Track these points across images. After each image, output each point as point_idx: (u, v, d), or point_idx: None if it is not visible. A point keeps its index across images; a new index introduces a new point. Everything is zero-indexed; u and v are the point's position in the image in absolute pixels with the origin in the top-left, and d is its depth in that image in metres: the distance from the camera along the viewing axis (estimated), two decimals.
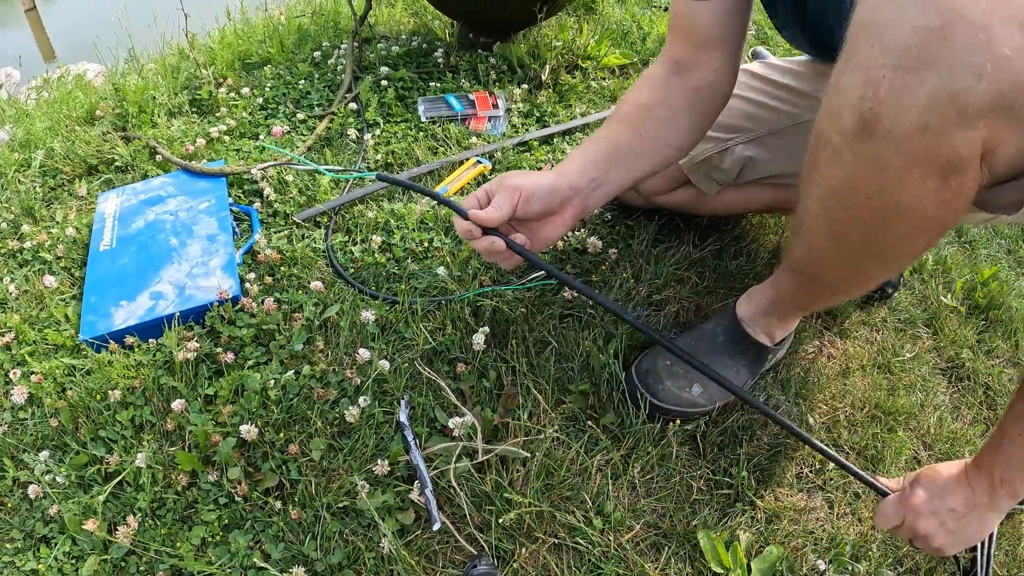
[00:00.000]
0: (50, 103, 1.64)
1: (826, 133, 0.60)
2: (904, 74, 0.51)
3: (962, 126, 0.52)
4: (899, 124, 0.53)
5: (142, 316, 0.96)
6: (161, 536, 0.77)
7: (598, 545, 0.78)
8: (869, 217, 0.62)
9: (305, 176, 1.25)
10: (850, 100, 0.56)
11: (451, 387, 0.89)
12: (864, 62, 0.54)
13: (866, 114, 0.55)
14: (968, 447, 0.94)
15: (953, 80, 0.50)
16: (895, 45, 0.51)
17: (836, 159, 0.60)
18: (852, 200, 0.62)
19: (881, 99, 0.53)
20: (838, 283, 0.77)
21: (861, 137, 0.56)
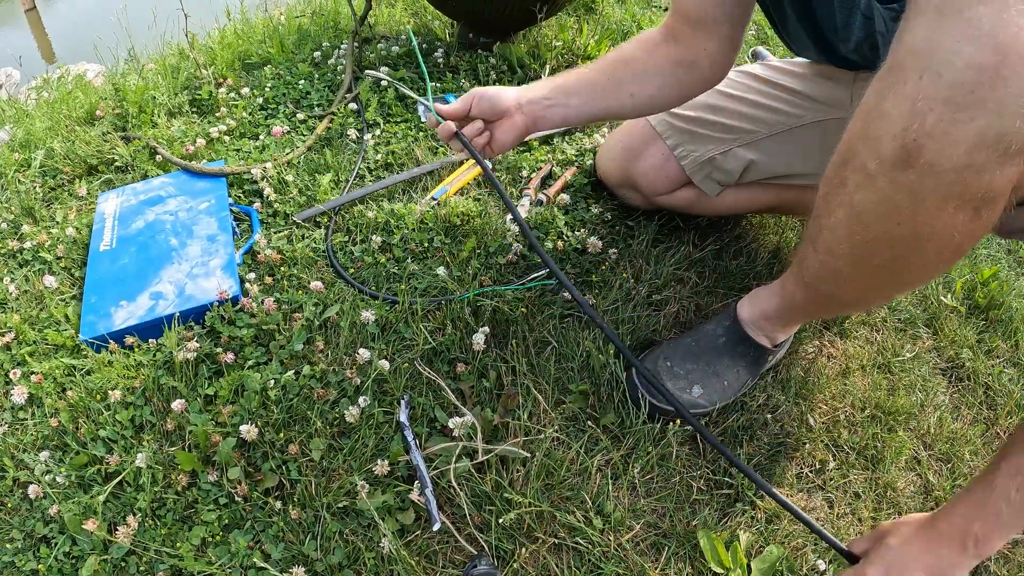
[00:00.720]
0: (50, 103, 1.64)
1: (860, 156, 0.59)
2: (955, 110, 0.50)
3: (1003, 164, 0.51)
4: (943, 159, 0.53)
5: (142, 316, 0.96)
6: (161, 536, 0.77)
7: (598, 545, 0.78)
8: (896, 243, 0.62)
9: (305, 176, 1.25)
10: (893, 129, 0.55)
11: (451, 387, 0.89)
12: (912, 92, 0.53)
13: (909, 145, 0.54)
14: (968, 447, 0.94)
15: (1002, 121, 0.49)
16: (948, 79, 0.50)
17: (870, 184, 0.59)
18: (881, 226, 0.61)
19: (927, 132, 0.52)
20: (853, 301, 0.77)
21: (900, 167, 0.55)
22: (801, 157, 1.01)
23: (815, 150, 1.00)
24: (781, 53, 1.73)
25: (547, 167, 1.26)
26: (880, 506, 0.86)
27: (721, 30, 0.88)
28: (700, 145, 1.04)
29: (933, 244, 0.60)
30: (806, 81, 1.03)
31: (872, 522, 0.84)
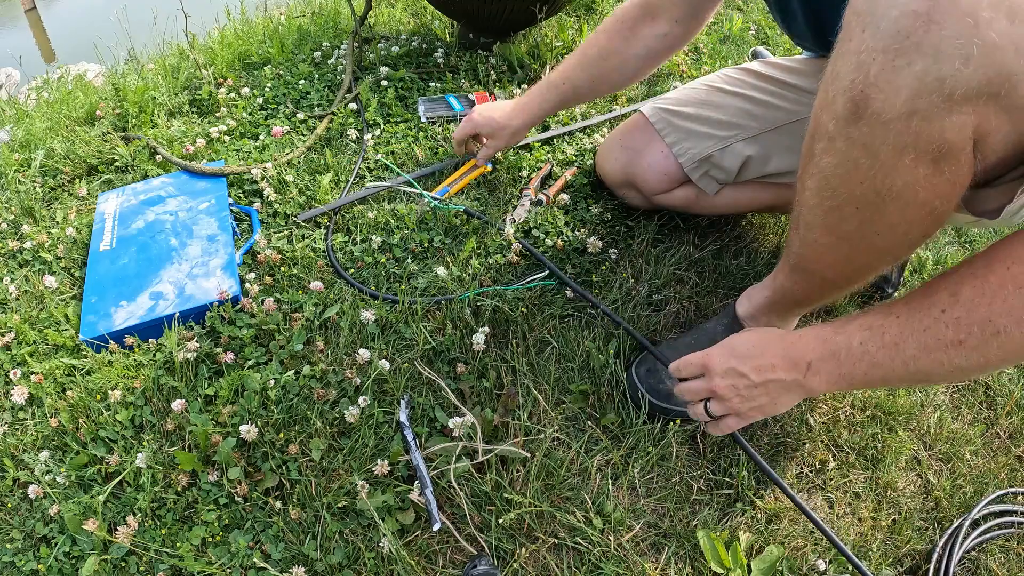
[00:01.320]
0: (50, 103, 1.64)
1: (822, 122, 0.61)
2: (893, 56, 0.52)
3: (950, 110, 0.52)
4: (888, 107, 0.54)
5: (142, 316, 0.96)
6: (161, 536, 0.77)
7: (598, 545, 0.78)
8: (862, 204, 0.63)
9: (305, 176, 1.25)
10: (842, 85, 0.57)
11: (451, 387, 0.89)
12: (856, 47, 0.55)
13: (857, 97, 0.56)
14: (968, 447, 0.94)
15: (940, 64, 0.50)
16: (885, 29, 0.52)
17: (831, 147, 0.61)
18: (846, 187, 0.62)
19: (871, 82, 0.54)
20: (835, 276, 0.77)
21: (852, 121, 0.57)
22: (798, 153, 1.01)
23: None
24: (781, 53, 1.73)
25: (547, 167, 1.25)
26: (880, 506, 0.86)
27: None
28: (698, 142, 1.04)
29: (897, 204, 0.61)
30: (805, 77, 1.03)
31: (872, 522, 0.84)
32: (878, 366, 0.65)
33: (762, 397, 0.73)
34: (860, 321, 0.67)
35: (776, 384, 0.71)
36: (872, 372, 0.66)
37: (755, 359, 0.72)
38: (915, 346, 0.63)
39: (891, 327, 0.65)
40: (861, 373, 0.67)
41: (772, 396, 0.72)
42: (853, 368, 0.67)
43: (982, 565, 0.82)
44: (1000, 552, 0.84)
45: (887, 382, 0.68)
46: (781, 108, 1.02)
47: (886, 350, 0.65)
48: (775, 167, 1.03)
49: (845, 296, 1.07)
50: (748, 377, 0.72)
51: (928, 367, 0.63)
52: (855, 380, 0.68)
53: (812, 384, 0.70)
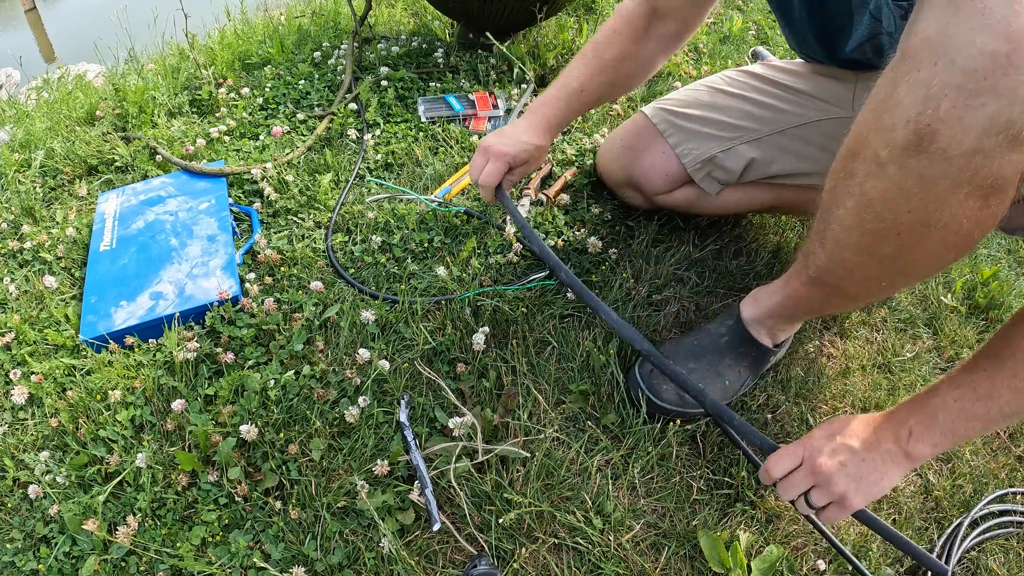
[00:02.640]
0: (50, 103, 1.64)
1: (871, 145, 0.60)
2: (967, 96, 0.52)
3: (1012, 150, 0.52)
4: (955, 144, 0.54)
5: (142, 316, 0.96)
6: (161, 536, 0.77)
7: (598, 545, 0.78)
8: (905, 231, 0.62)
9: (305, 176, 1.25)
10: (907, 114, 0.55)
11: (451, 387, 0.89)
12: (926, 79, 0.54)
13: (923, 131, 0.55)
14: (968, 447, 0.94)
15: (1013, 107, 0.50)
16: (961, 66, 0.51)
17: (880, 172, 0.60)
18: (892, 214, 0.62)
19: (941, 118, 0.53)
20: (859, 293, 0.77)
21: (913, 153, 0.56)
22: (802, 156, 1.01)
23: (816, 149, 1.00)
24: (781, 53, 1.73)
25: (547, 167, 1.25)
26: (880, 506, 0.86)
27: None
28: (701, 143, 1.04)
29: (940, 233, 0.60)
30: (807, 80, 1.03)
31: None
32: (976, 418, 0.68)
33: (870, 473, 0.71)
34: (948, 382, 0.70)
35: (882, 456, 0.71)
36: (971, 426, 0.69)
37: (859, 431, 0.72)
38: (1008, 391, 0.67)
39: (981, 381, 0.68)
40: (961, 429, 0.69)
41: (879, 471, 0.71)
42: (953, 425, 0.69)
43: (982, 565, 0.82)
44: (1000, 552, 0.84)
45: (987, 429, 0.70)
46: (784, 111, 1.02)
47: (981, 402, 0.68)
48: (778, 169, 1.03)
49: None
50: (855, 451, 0.71)
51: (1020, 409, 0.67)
52: (957, 436, 0.70)
53: (916, 450, 0.70)
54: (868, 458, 0.71)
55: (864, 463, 0.70)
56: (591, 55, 1.03)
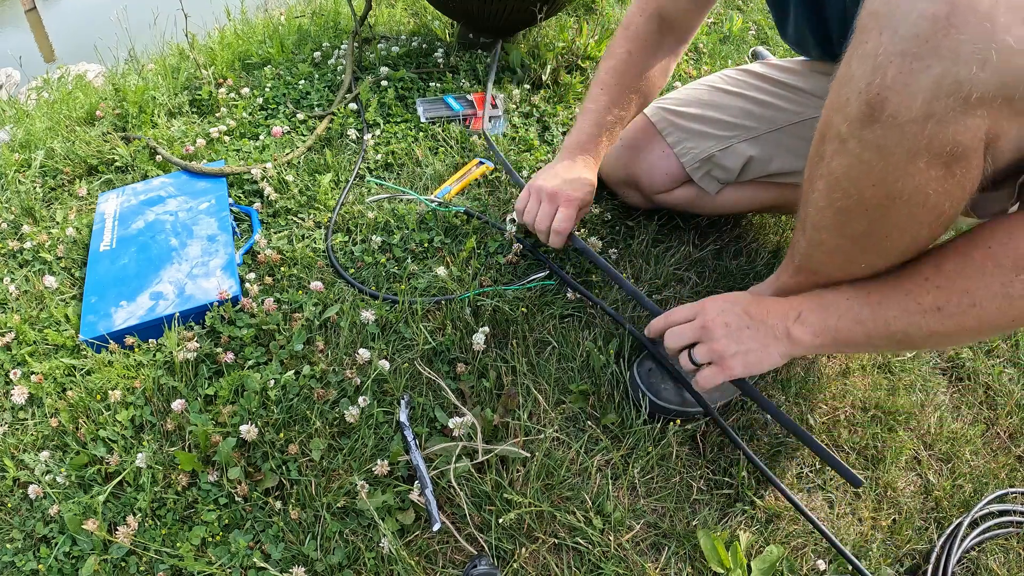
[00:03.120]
0: (50, 103, 1.64)
1: (833, 124, 0.61)
2: (911, 60, 0.52)
3: (965, 114, 0.53)
4: (904, 110, 0.54)
5: (142, 316, 0.96)
6: (161, 536, 0.77)
7: (598, 545, 0.78)
8: (873, 205, 0.63)
9: (305, 176, 1.25)
10: (858, 87, 0.57)
11: (451, 387, 0.89)
12: (873, 50, 0.55)
13: (873, 100, 0.56)
14: (968, 447, 0.93)
15: (957, 68, 0.51)
16: (903, 32, 0.52)
17: (842, 148, 0.61)
18: (856, 188, 0.62)
19: (888, 84, 0.54)
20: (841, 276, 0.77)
21: (867, 123, 0.57)
22: (800, 154, 1.01)
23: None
24: (781, 53, 1.73)
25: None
26: (880, 506, 0.86)
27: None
28: (700, 142, 1.04)
29: (907, 206, 0.61)
30: (806, 78, 1.03)
31: (872, 522, 0.84)
32: (861, 323, 0.71)
33: (751, 341, 0.75)
34: (849, 284, 0.73)
35: (766, 329, 0.75)
36: (855, 329, 0.71)
37: (751, 303, 0.77)
38: (897, 307, 0.69)
39: (876, 288, 0.71)
40: (845, 328, 0.72)
41: (760, 342, 0.75)
42: (838, 321, 0.72)
43: (982, 565, 0.82)
44: (1000, 552, 0.84)
45: (869, 340, 0.72)
46: (783, 109, 1.02)
47: (870, 308, 0.70)
48: (777, 167, 1.03)
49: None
50: (742, 316, 0.75)
51: (906, 328, 0.69)
52: (839, 335, 0.72)
53: (798, 334, 0.74)
54: (753, 326, 0.75)
55: (748, 330, 0.75)
56: (612, 83, 1.02)
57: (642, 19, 1.02)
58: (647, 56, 1.02)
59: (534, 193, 0.99)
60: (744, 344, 0.75)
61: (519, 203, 1.02)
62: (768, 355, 0.75)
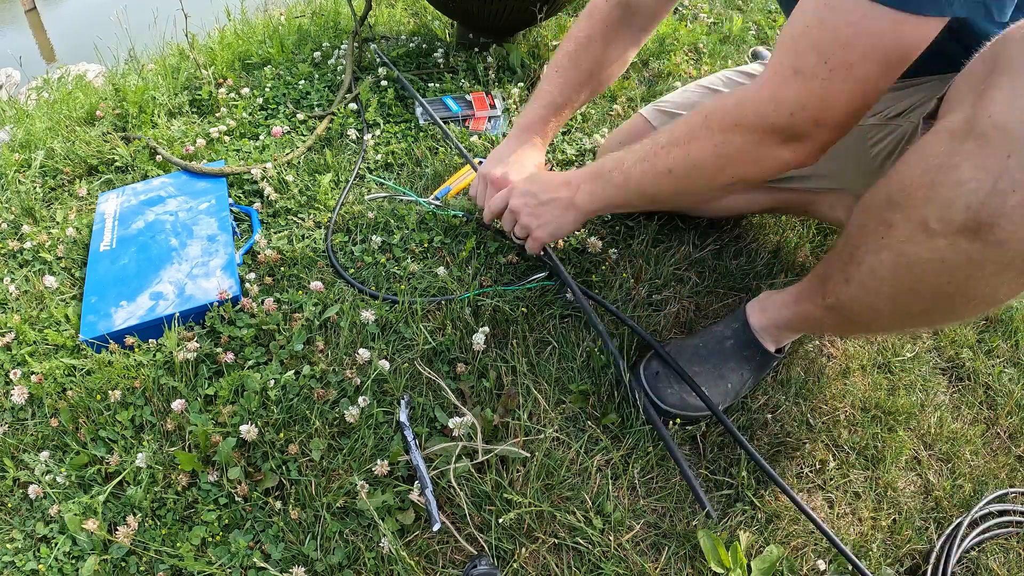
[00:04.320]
0: (50, 103, 1.64)
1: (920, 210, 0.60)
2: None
3: None
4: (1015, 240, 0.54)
5: (142, 316, 0.96)
6: (161, 536, 0.77)
7: (598, 545, 0.78)
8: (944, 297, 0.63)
9: (305, 176, 1.25)
10: (968, 199, 0.55)
11: (451, 387, 0.89)
12: (996, 169, 0.53)
13: (983, 220, 0.55)
14: (968, 447, 0.94)
15: None
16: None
17: (927, 240, 0.60)
18: (931, 281, 0.62)
19: (1005, 212, 0.53)
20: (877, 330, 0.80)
21: (968, 237, 0.56)
22: None
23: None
24: None
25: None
26: (880, 506, 0.86)
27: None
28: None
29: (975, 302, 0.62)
30: None
31: (872, 522, 0.84)
32: (620, 187, 0.87)
33: (548, 215, 0.92)
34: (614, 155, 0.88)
35: (557, 202, 0.92)
36: (617, 193, 0.88)
37: (544, 183, 0.94)
38: (639, 173, 0.84)
39: (628, 159, 0.85)
40: (610, 192, 0.88)
41: (555, 214, 0.92)
42: (604, 188, 0.88)
43: (982, 565, 0.82)
44: (1000, 552, 0.84)
45: (629, 201, 0.90)
46: None
47: (624, 175, 0.85)
48: None
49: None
50: (537, 196, 0.93)
51: (652, 190, 0.84)
52: (610, 200, 0.90)
53: (581, 202, 0.91)
54: (547, 202, 0.93)
55: (543, 206, 0.93)
56: (568, 66, 1.05)
57: (607, 5, 1.02)
58: (606, 42, 1.03)
59: (480, 179, 1.06)
60: (544, 218, 0.93)
61: (472, 189, 1.09)
62: (565, 221, 0.93)
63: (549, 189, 0.92)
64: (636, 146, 0.86)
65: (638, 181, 0.84)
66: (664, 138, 0.81)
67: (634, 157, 0.84)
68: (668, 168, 0.80)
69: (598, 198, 0.89)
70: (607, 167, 0.87)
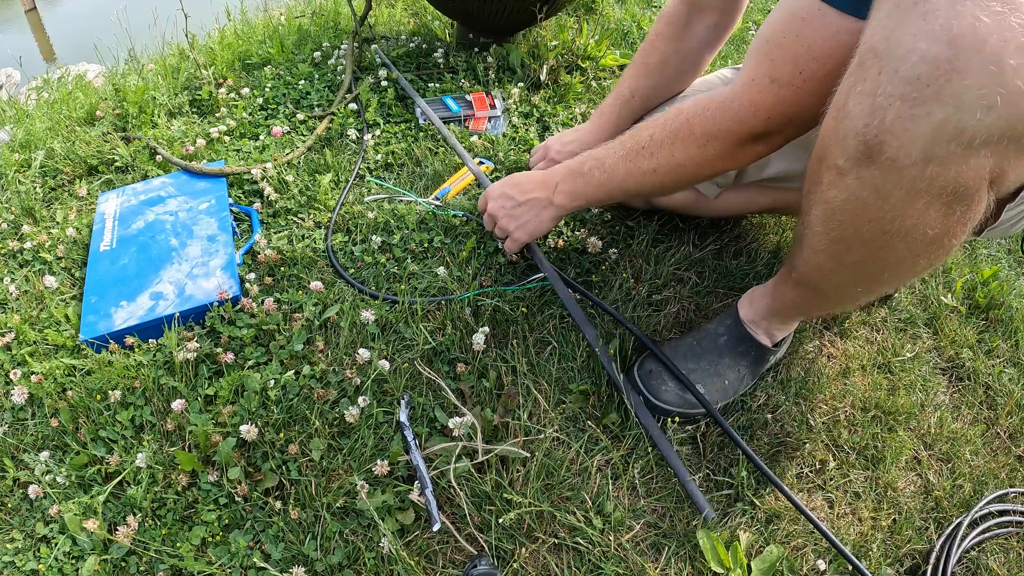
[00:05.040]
0: (50, 104, 1.64)
1: (831, 154, 0.61)
2: (911, 105, 0.51)
3: (967, 156, 0.52)
4: (904, 154, 0.53)
5: (142, 316, 0.96)
6: (161, 536, 0.77)
7: (598, 545, 0.78)
8: (869, 239, 0.63)
9: (305, 176, 1.25)
10: (855, 126, 0.56)
11: (451, 387, 0.89)
12: (871, 89, 0.53)
13: (871, 141, 0.55)
14: (968, 447, 0.94)
15: (961, 113, 0.49)
16: (904, 74, 0.51)
17: (839, 180, 0.60)
18: (852, 222, 0.62)
19: (887, 128, 0.53)
20: (838, 296, 0.79)
21: (864, 163, 0.56)
22: (798, 157, 1.01)
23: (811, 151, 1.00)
24: None
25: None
26: (880, 506, 0.86)
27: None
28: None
29: (904, 241, 0.61)
30: None
31: (872, 522, 0.84)
32: (602, 186, 0.90)
33: (525, 215, 0.95)
34: (592, 154, 0.91)
35: (534, 202, 0.94)
36: (598, 190, 0.90)
37: (520, 185, 0.96)
38: (624, 172, 0.87)
39: (608, 157, 0.89)
40: (591, 190, 0.91)
41: (532, 214, 0.95)
42: (586, 185, 0.91)
43: (982, 565, 0.82)
44: (1000, 552, 0.84)
45: (611, 197, 0.92)
46: None
47: (606, 173, 0.89)
48: (774, 171, 1.03)
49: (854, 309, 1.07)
50: (515, 198, 0.95)
51: (635, 187, 0.88)
52: (589, 197, 0.92)
53: (559, 200, 0.93)
54: (524, 203, 0.95)
55: (520, 207, 0.95)
56: (638, 61, 1.12)
57: (674, 3, 1.07)
58: (671, 41, 1.07)
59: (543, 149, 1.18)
60: (521, 219, 0.95)
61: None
62: (541, 221, 0.95)
63: (526, 190, 0.95)
64: (615, 144, 0.89)
65: (622, 179, 0.88)
66: (646, 138, 0.85)
67: (615, 156, 0.88)
68: (652, 168, 0.85)
69: (579, 195, 0.92)
70: (587, 165, 0.90)
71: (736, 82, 0.76)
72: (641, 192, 0.90)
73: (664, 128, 0.83)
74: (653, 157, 0.84)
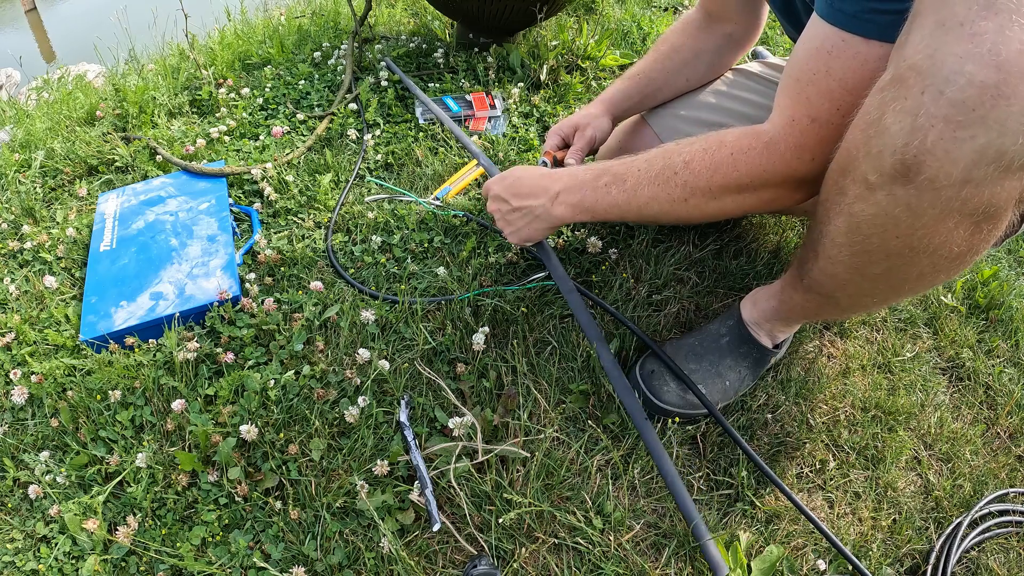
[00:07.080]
0: (50, 104, 1.64)
1: (860, 167, 0.60)
2: (955, 128, 0.51)
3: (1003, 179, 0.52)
4: (943, 175, 0.53)
5: (142, 316, 0.96)
6: (161, 536, 0.77)
7: (598, 545, 0.78)
8: (894, 255, 0.63)
9: (305, 176, 1.25)
10: (893, 143, 0.55)
11: (451, 387, 0.89)
12: (913, 108, 0.53)
13: (909, 161, 0.54)
14: (968, 447, 0.93)
15: (1003, 138, 0.49)
16: (950, 96, 0.50)
17: (869, 196, 0.60)
18: (880, 237, 0.62)
19: (927, 149, 0.53)
20: (850, 305, 0.78)
21: (900, 182, 0.56)
22: None
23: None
24: (781, 53, 1.73)
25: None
26: (880, 506, 0.86)
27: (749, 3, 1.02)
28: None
29: (930, 257, 0.61)
30: None
31: (872, 522, 0.84)
32: (616, 206, 0.82)
33: (518, 222, 0.90)
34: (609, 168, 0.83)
35: (527, 210, 0.88)
36: (611, 210, 0.83)
37: (516, 188, 0.90)
38: (648, 196, 0.79)
39: (632, 176, 0.81)
40: (603, 206, 0.83)
41: (525, 222, 0.89)
42: (596, 203, 0.83)
43: (982, 565, 0.82)
44: (1000, 552, 0.84)
45: (622, 215, 0.84)
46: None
47: (626, 193, 0.81)
48: None
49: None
50: (509, 203, 0.90)
51: (656, 214, 0.81)
52: (596, 212, 0.84)
53: (559, 212, 0.86)
54: (518, 209, 0.89)
55: (514, 213, 0.90)
56: (651, 51, 1.12)
57: (694, 9, 1.08)
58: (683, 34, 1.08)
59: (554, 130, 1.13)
60: (513, 225, 0.91)
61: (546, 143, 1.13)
62: (533, 230, 0.90)
63: (521, 195, 0.89)
64: (638, 162, 0.81)
65: (644, 203, 0.80)
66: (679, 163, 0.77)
67: (638, 175, 0.80)
68: (684, 198, 0.78)
69: (585, 209, 0.85)
70: (603, 180, 0.82)
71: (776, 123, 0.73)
72: (660, 218, 0.82)
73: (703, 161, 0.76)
74: (687, 188, 0.77)
